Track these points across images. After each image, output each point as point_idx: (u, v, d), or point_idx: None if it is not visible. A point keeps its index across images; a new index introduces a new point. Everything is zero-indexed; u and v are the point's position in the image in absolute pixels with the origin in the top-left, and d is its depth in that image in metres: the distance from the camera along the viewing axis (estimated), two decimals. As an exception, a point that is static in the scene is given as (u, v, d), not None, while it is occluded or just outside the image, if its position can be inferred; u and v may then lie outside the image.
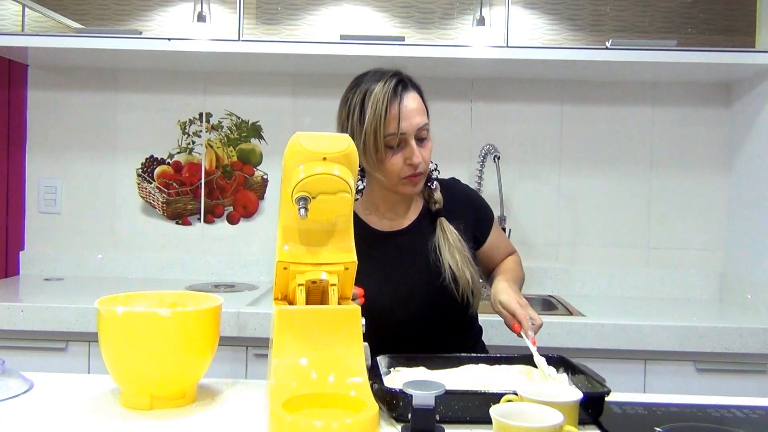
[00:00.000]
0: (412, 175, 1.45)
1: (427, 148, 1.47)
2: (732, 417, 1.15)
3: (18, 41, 2.20)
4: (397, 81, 1.45)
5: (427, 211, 1.56)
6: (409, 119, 1.43)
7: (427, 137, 1.47)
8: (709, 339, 1.89)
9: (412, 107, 1.44)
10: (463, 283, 1.47)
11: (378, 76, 1.47)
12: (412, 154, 1.43)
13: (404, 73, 1.50)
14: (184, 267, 2.54)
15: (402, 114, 1.42)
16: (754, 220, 2.28)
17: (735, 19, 2.18)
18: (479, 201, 1.64)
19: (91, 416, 1.10)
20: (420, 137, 1.45)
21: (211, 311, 1.16)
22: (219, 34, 2.19)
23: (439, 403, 1.02)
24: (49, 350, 1.95)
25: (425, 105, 1.50)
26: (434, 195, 1.55)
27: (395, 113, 1.41)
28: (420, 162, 1.44)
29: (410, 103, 1.44)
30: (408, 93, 1.45)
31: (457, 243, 1.50)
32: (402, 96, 1.43)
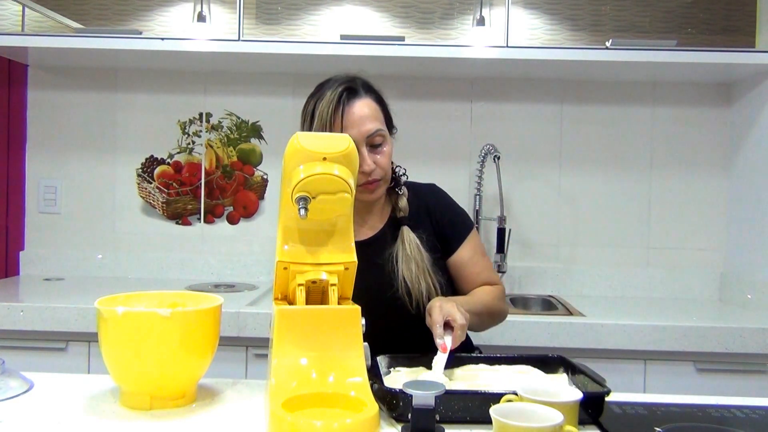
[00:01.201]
0: (367, 182, 1.42)
1: (384, 153, 1.44)
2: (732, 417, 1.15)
3: (18, 41, 2.20)
4: (344, 89, 1.43)
5: (393, 218, 1.52)
6: (356, 127, 1.41)
7: (384, 143, 1.44)
8: (709, 339, 1.89)
9: (360, 114, 1.41)
10: (416, 295, 1.42)
11: (330, 84, 1.46)
12: (363, 161, 1.40)
13: (362, 78, 1.48)
14: (184, 267, 2.54)
15: (346, 122, 1.41)
16: (754, 220, 2.28)
17: (735, 19, 2.18)
18: (452, 213, 1.56)
19: (91, 416, 1.10)
20: (373, 143, 1.43)
21: (211, 311, 1.16)
22: (219, 34, 2.19)
23: (439, 403, 1.02)
24: (49, 350, 1.95)
25: (384, 110, 1.48)
26: (399, 202, 1.51)
27: (339, 122, 1.41)
28: (372, 169, 1.41)
29: (359, 110, 1.42)
30: (357, 100, 1.43)
31: (416, 253, 1.46)
32: (348, 104, 1.42)
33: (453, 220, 1.55)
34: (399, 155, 2.50)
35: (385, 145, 1.45)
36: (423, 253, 1.47)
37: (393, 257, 1.46)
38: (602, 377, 1.17)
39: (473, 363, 1.31)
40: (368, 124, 1.42)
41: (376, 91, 1.49)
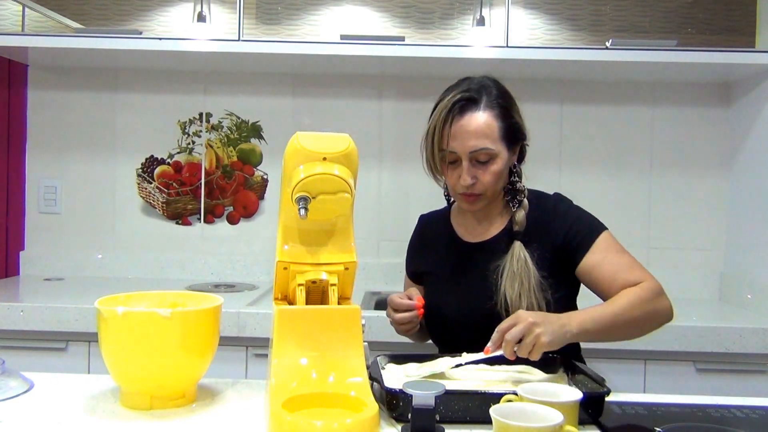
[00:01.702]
0: (465, 194, 1.43)
1: (489, 171, 1.40)
2: (732, 417, 1.15)
3: (18, 41, 2.20)
4: (461, 98, 1.40)
5: (510, 228, 1.48)
6: (461, 140, 1.39)
7: (491, 161, 1.40)
8: (709, 339, 1.89)
9: (470, 128, 1.39)
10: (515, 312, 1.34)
11: (455, 88, 1.44)
12: (462, 174, 1.40)
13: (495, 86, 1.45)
14: (184, 267, 2.54)
15: (453, 134, 1.40)
16: (754, 220, 2.28)
17: (735, 19, 2.18)
18: (575, 222, 1.47)
19: (91, 416, 1.10)
20: (477, 159, 1.40)
21: (211, 311, 1.16)
22: (219, 34, 2.19)
23: (439, 403, 1.02)
24: (49, 350, 1.95)
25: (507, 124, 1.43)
26: (516, 216, 1.46)
27: (446, 132, 1.40)
28: (469, 184, 1.40)
29: (470, 123, 1.39)
30: (472, 113, 1.39)
31: (523, 270, 1.40)
32: (458, 116, 1.40)
33: (576, 229, 1.45)
34: (399, 155, 2.52)
35: (492, 163, 1.41)
36: (531, 270, 1.41)
37: (500, 271, 1.42)
38: (602, 377, 1.17)
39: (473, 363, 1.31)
40: (473, 141, 1.39)
41: (501, 104, 1.43)
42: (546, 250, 1.44)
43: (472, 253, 1.51)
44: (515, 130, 1.46)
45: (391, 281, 2.49)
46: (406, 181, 2.53)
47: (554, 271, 1.43)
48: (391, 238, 2.52)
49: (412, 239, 1.67)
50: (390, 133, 2.53)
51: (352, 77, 2.52)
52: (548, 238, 1.45)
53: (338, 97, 2.53)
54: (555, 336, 1.22)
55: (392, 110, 2.53)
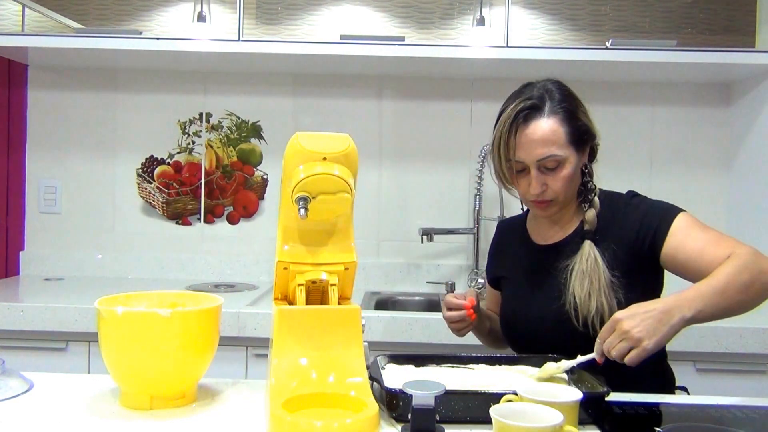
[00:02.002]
0: (537, 201, 1.42)
1: (559, 177, 1.39)
2: (732, 417, 1.15)
3: (18, 41, 2.20)
4: (524, 107, 1.38)
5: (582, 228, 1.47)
6: (527, 149, 1.37)
7: (560, 167, 1.39)
8: (709, 339, 1.89)
9: (535, 137, 1.37)
10: (583, 312, 1.35)
11: (517, 96, 1.42)
12: (531, 183, 1.39)
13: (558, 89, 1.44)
14: (184, 267, 2.54)
15: (519, 143, 1.38)
16: (754, 220, 2.28)
17: (735, 19, 2.18)
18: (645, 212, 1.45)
19: (91, 416, 1.10)
20: (546, 167, 1.38)
21: (211, 311, 1.16)
22: (219, 34, 2.19)
23: (439, 403, 1.02)
24: (49, 350, 1.95)
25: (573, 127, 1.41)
26: (586, 215, 1.45)
27: (512, 142, 1.38)
28: (538, 192, 1.39)
29: (535, 131, 1.37)
30: (536, 120, 1.38)
31: (592, 269, 1.38)
32: (523, 124, 1.38)
33: (650, 219, 1.43)
34: (399, 155, 2.52)
35: (561, 169, 1.40)
36: (601, 268, 1.38)
37: (569, 270, 1.41)
38: (602, 377, 1.17)
39: (473, 363, 1.31)
40: (540, 149, 1.37)
41: (566, 108, 1.41)
42: (619, 248, 1.41)
43: (544, 255, 1.50)
44: (582, 132, 1.45)
45: (391, 281, 2.49)
46: (406, 181, 2.53)
47: (628, 270, 1.40)
48: (391, 238, 2.52)
49: (491, 246, 1.68)
50: (390, 133, 2.53)
51: (352, 77, 2.52)
52: (621, 236, 1.42)
53: (338, 97, 2.53)
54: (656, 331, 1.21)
55: (392, 110, 2.53)
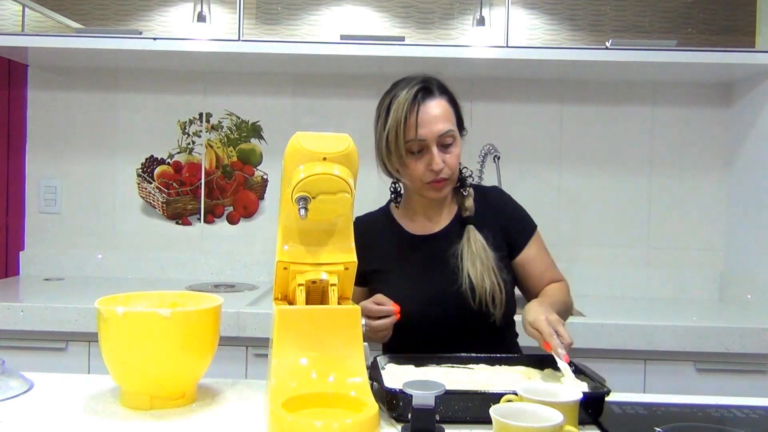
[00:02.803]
0: (435, 180, 1.46)
1: (453, 153, 1.47)
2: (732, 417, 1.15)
3: (18, 41, 2.20)
4: (420, 88, 1.46)
5: (459, 217, 1.56)
6: (428, 126, 1.44)
7: (454, 143, 1.47)
8: (709, 339, 1.89)
9: (434, 114, 1.45)
10: (480, 292, 1.45)
11: (406, 83, 1.49)
12: (432, 160, 1.44)
13: (436, 78, 1.52)
14: (184, 267, 2.54)
15: (420, 121, 1.44)
16: (754, 220, 2.28)
17: (735, 19, 2.18)
18: (517, 212, 1.60)
19: (91, 416, 1.10)
20: (443, 143, 1.46)
21: (211, 311, 1.16)
22: (219, 34, 2.19)
23: (439, 403, 1.02)
24: (49, 350, 1.95)
25: (456, 111, 1.51)
26: (465, 202, 1.54)
27: (413, 120, 1.44)
28: (441, 168, 1.45)
29: (432, 109, 1.45)
30: (431, 100, 1.46)
31: (481, 251, 1.48)
32: (422, 103, 1.45)
33: (519, 221, 1.59)
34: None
35: (454, 146, 1.48)
36: (488, 251, 1.49)
37: (458, 254, 1.49)
38: (602, 377, 1.17)
39: (473, 363, 1.31)
40: (440, 124, 1.45)
41: (450, 93, 1.52)
42: (495, 234, 1.53)
43: (425, 244, 1.54)
44: (461, 118, 1.54)
45: (391, 281, 2.49)
46: (406, 181, 2.52)
47: (502, 255, 1.52)
48: (391, 238, 2.52)
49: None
50: (390, 133, 2.52)
51: (352, 77, 2.52)
52: (495, 224, 1.54)
53: (338, 97, 2.53)
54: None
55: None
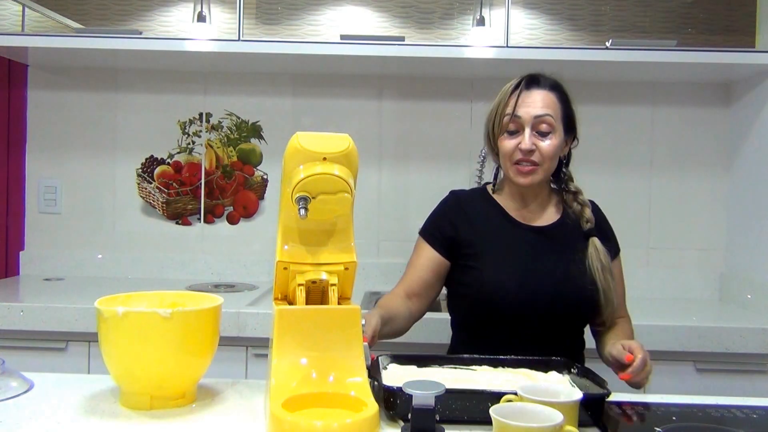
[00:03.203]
0: (522, 160, 1.49)
1: (549, 143, 1.49)
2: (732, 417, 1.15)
3: (18, 41, 2.20)
4: (530, 77, 1.53)
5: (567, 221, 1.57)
6: (527, 107, 1.49)
7: (552, 134, 1.49)
8: (709, 339, 1.89)
9: (536, 97, 1.50)
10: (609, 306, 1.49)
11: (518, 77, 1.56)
12: (523, 139, 1.48)
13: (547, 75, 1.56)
14: (184, 267, 2.54)
15: (521, 101, 1.50)
16: (754, 220, 2.28)
17: (735, 19, 2.18)
18: (609, 231, 1.63)
19: (91, 416, 1.10)
20: (539, 129, 1.49)
21: (211, 311, 1.16)
22: (219, 34, 2.19)
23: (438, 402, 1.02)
24: (49, 350, 1.95)
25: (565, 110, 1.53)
26: (585, 212, 1.56)
27: (514, 99, 1.50)
28: (529, 149, 1.47)
29: (536, 94, 1.50)
30: (537, 88, 1.51)
31: (609, 265, 1.52)
32: (527, 87, 1.51)
33: (611, 238, 1.61)
34: (399, 155, 2.52)
35: (552, 136, 1.50)
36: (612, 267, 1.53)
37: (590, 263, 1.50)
38: (603, 379, 1.17)
39: (476, 364, 1.31)
40: (539, 108, 1.49)
41: (563, 91, 1.55)
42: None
43: (535, 236, 1.55)
44: (572, 119, 1.56)
45: (391, 281, 2.48)
46: (406, 181, 2.53)
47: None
48: (391, 238, 2.52)
49: (445, 209, 1.62)
50: (390, 133, 2.53)
51: (352, 77, 2.52)
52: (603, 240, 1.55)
53: (338, 97, 2.53)
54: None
55: (392, 110, 2.53)
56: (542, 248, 1.53)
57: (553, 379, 1.25)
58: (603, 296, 1.48)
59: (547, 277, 1.49)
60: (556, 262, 1.51)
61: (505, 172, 1.55)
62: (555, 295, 1.48)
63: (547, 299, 1.47)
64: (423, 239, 1.60)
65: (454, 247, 1.56)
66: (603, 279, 1.48)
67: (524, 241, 1.54)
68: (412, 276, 1.57)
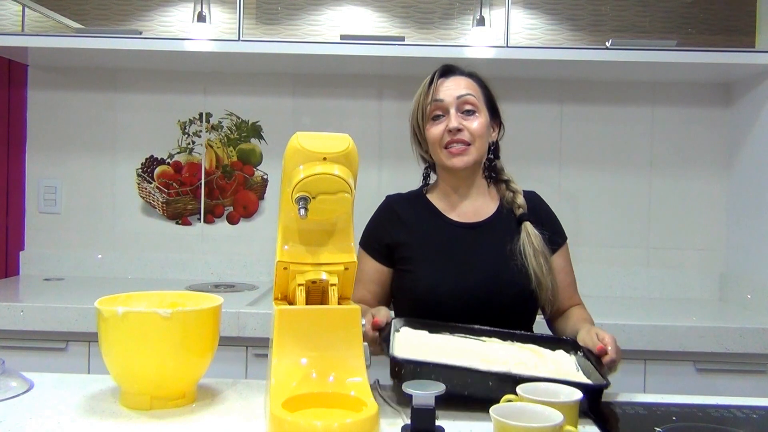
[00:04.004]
0: (453, 141, 1.48)
1: (476, 121, 1.50)
2: (732, 417, 1.15)
3: (18, 41, 2.20)
4: (445, 66, 1.55)
5: (502, 212, 1.56)
6: (447, 91, 1.51)
7: (477, 113, 1.50)
8: (709, 339, 1.89)
9: (454, 83, 1.52)
10: (544, 291, 1.47)
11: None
12: (450, 119, 1.48)
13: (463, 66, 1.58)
14: (184, 267, 2.54)
15: (441, 86, 1.51)
16: (754, 220, 2.28)
17: (735, 19, 2.18)
18: (551, 219, 1.61)
19: (91, 416, 1.10)
20: (464, 110, 1.50)
21: (211, 311, 1.16)
22: (219, 34, 2.19)
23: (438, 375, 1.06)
24: (49, 350, 1.95)
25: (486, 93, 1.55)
26: (517, 199, 1.55)
27: (434, 87, 1.51)
28: (458, 127, 1.48)
29: (455, 79, 1.53)
30: (455, 75, 1.54)
31: (543, 249, 1.50)
32: (445, 75, 1.53)
33: (553, 227, 1.58)
34: (399, 155, 2.51)
35: (477, 116, 1.51)
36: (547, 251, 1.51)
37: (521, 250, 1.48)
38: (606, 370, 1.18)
39: (486, 335, 1.33)
40: (460, 89, 1.51)
41: (480, 78, 1.57)
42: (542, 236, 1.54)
43: (468, 233, 1.53)
44: (494, 103, 1.58)
45: (391, 281, 2.49)
46: (406, 181, 2.51)
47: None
48: (391, 238, 2.52)
49: (380, 215, 1.62)
50: (390, 133, 2.53)
51: (352, 77, 2.52)
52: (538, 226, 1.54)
53: (338, 97, 2.53)
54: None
55: (392, 110, 2.53)
56: (475, 244, 1.51)
57: (561, 359, 1.27)
58: (535, 280, 1.46)
59: (479, 273, 1.47)
60: (489, 257, 1.49)
61: (438, 160, 1.54)
62: (488, 292, 1.46)
63: (481, 296, 1.45)
64: (363, 250, 1.59)
65: (390, 252, 1.56)
66: (536, 264, 1.47)
67: (457, 239, 1.52)
68: (361, 292, 1.55)
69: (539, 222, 1.54)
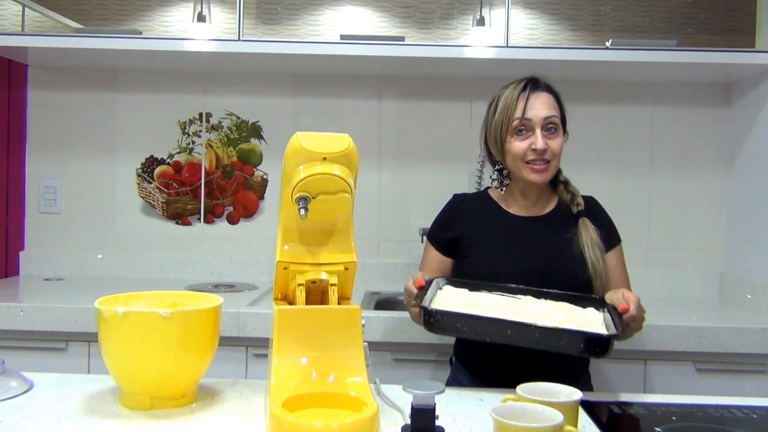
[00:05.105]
0: (536, 159, 1.56)
1: (556, 141, 1.58)
2: (732, 417, 1.15)
3: (18, 41, 2.20)
4: (528, 81, 1.61)
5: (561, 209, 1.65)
6: (536, 109, 1.57)
7: (557, 132, 1.59)
8: (709, 339, 1.89)
9: (542, 100, 1.58)
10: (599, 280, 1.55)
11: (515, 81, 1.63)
12: (537, 139, 1.55)
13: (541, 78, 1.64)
14: (184, 267, 2.54)
15: (529, 104, 1.57)
16: (754, 220, 2.28)
17: (735, 19, 2.18)
18: (606, 220, 1.68)
19: (91, 416, 1.10)
20: (547, 128, 1.57)
21: (211, 311, 1.16)
22: (219, 34, 2.19)
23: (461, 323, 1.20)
24: (49, 350, 1.95)
25: (561, 110, 1.63)
26: (577, 198, 1.65)
27: (522, 104, 1.57)
28: (543, 148, 1.55)
29: (541, 96, 1.59)
30: (538, 91, 1.60)
31: (598, 241, 1.58)
32: (532, 91, 1.59)
33: (608, 227, 1.66)
34: (399, 155, 2.52)
35: (558, 135, 1.60)
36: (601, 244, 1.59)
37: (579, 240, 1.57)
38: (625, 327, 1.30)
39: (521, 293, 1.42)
40: (547, 110, 1.58)
41: (556, 93, 1.64)
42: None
43: (528, 225, 1.63)
44: (565, 119, 1.66)
45: (391, 281, 2.49)
46: (406, 181, 2.53)
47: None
48: (391, 238, 2.52)
49: (445, 210, 1.74)
50: (390, 133, 2.53)
51: (352, 77, 2.52)
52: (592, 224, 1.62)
53: (338, 97, 2.53)
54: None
55: (392, 110, 2.53)
56: (534, 234, 1.61)
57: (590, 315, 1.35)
58: (592, 268, 1.54)
59: (535, 260, 1.57)
60: (546, 246, 1.59)
61: (517, 173, 1.61)
62: (544, 278, 1.52)
63: (536, 282, 1.51)
64: (428, 242, 1.73)
65: (453, 244, 1.67)
66: (592, 254, 1.55)
67: (516, 227, 1.63)
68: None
69: (595, 222, 1.63)
